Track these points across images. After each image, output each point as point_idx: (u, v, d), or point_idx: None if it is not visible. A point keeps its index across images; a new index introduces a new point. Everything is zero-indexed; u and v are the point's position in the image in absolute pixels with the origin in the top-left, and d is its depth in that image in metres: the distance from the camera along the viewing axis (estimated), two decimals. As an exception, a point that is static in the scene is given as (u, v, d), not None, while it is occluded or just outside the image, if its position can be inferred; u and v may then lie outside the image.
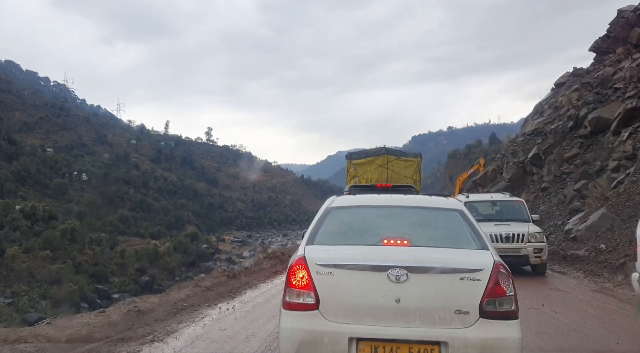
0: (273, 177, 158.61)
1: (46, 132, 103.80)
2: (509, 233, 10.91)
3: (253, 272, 12.08)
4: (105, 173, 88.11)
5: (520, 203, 12.37)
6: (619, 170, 16.47)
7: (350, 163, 15.62)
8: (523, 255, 10.76)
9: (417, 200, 4.56)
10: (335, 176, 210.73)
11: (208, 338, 5.69)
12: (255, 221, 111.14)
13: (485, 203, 12.64)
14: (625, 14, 27.20)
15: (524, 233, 10.87)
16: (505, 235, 10.89)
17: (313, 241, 3.77)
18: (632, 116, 18.37)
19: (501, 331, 3.21)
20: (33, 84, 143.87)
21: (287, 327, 3.39)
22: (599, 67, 28.05)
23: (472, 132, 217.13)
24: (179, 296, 8.29)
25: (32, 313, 26.84)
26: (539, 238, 10.96)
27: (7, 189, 61.86)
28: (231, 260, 54.44)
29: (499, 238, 10.83)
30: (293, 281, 3.43)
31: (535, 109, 34.83)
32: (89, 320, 6.38)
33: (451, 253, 3.58)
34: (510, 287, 3.30)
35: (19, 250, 38.93)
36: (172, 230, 73.37)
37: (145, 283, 40.79)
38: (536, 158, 24.27)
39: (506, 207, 12.25)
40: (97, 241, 49.47)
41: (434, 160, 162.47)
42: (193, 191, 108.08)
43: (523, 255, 10.76)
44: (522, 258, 10.78)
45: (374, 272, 3.32)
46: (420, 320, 3.22)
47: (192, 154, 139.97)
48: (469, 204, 11.29)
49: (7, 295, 32.31)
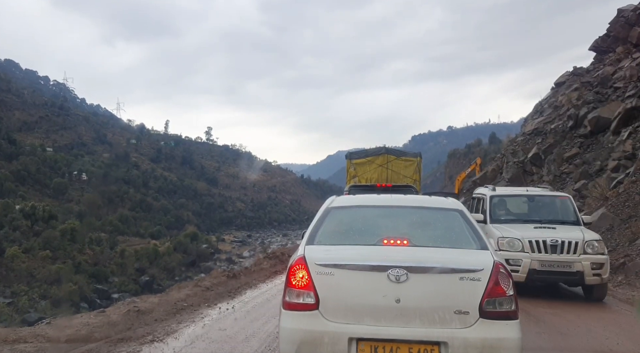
0: (273, 177, 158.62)
1: (46, 131, 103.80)
2: (556, 240, 8.00)
3: (253, 272, 12.07)
4: (105, 173, 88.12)
5: (566, 199, 9.59)
6: (618, 170, 16.48)
7: (350, 162, 15.59)
8: (576, 271, 7.81)
9: (417, 200, 4.57)
10: (335, 175, 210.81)
11: (208, 338, 5.69)
12: (255, 221, 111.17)
13: (518, 199, 9.96)
14: (625, 13, 27.21)
15: (577, 241, 7.96)
16: (552, 243, 8.00)
17: (313, 241, 3.77)
18: (632, 116, 18.38)
19: (501, 331, 3.21)
20: (33, 83, 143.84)
21: (287, 327, 3.39)
22: (599, 66, 28.05)
23: (472, 131, 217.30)
24: (179, 296, 8.29)
25: (32, 313, 26.88)
26: (599, 248, 7.98)
27: (6, 189, 61.83)
28: (231, 260, 54.48)
29: (542, 246, 8.02)
30: (293, 281, 3.43)
31: (535, 109, 34.80)
32: (88, 320, 6.38)
33: (451, 253, 3.58)
34: (510, 287, 3.30)
35: (18, 249, 38.94)
36: (172, 230, 73.42)
37: (145, 283, 40.83)
38: (536, 157, 24.27)
39: (547, 204, 9.62)
40: (97, 241, 49.49)
41: (434, 160, 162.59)
42: (193, 190, 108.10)
43: (576, 272, 7.82)
44: (575, 276, 7.90)
45: (373, 272, 3.32)
46: (420, 320, 3.22)
47: (192, 153, 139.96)
48: (496, 200, 9.55)
49: (6, 295, 32.32)
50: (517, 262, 7.95)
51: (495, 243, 7.97)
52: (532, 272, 7.90)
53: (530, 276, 7.92)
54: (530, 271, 7.90)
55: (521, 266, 7.91)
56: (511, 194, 10.18)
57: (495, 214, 9.29)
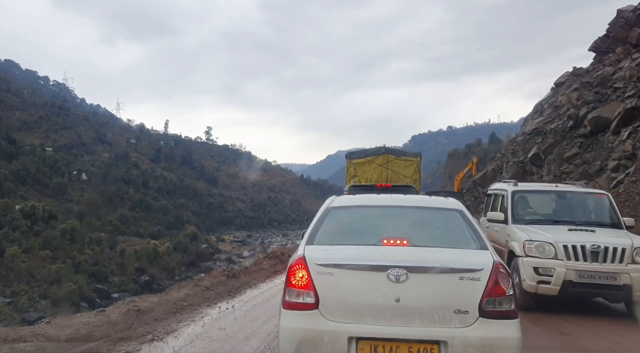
0: (273, 177, 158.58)
1: (46, 131, 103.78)
2: (598, 245, 6.58)
3: (253, 272, 12.07)
4: (104, 173, 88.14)
5: (603, 197, 8.09)
6: (618, 170, 16.49)
7: (350, 162, 15.60)
8: (623, 284, 6.41)
9: (417, 200, 4.59)
10: (335, 175, 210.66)
11: (207, 337, 5.69)
12: (255, 221, 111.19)
13: (546, 196, 8.41)
14: (625, 14, 27.25)
15: (624, 248, 6.55)
16: (592, 249, 6.57)
17: (313, 241, 3.77)
18: (632, 116, 18.39)
19: (501, 330, 3.22)
20: (32, 83, 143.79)
21: (286, 326, 3.40)
22: (598, 66, 28.09)
23: (472, 131, 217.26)
24: (179, 296, 8.29)
25: (32, 312, 26.92)
26: None
27: (6, 188, 61.86)
28: (231, 260, 54.44)
29: (580, 253, 6.60)
30: (293, 281, 3.44)
31: (535, 109, 34.84)
32: (88, 320, 6.38)
33: (451, 252, 3.58)
34: (509, 287, 3.31)
35: (18, 249, 38.98)
36: (171, 230, 73.43)
37: (144, 283, 40.84)
38: (536, 157, 24.29)
39: (581, 203, 8.14)
40: (97, 241, 49.53)
41: (434, 160, 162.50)
42: (193, 190, 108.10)
43: (622, 285, 6.42)
44: (620, 291, 6.48)
45: (373, 272, 3.33)
46: (419, 320, 3.23)
47: (192, 153, 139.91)
48: (518, 196, 8.11)
49: (6, 295, 32.35)
50: (549, 271, 6.63)
51: (520, 247, 7.01)
52: (567, 284, 6.52)
53: (564, 289, 6.56)
54: (565, 283, 6.52)
55: (554, 277, 6.57)
56: (537, 190, 8.71)
57: (518, 213, 7.88)
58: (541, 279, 6.66)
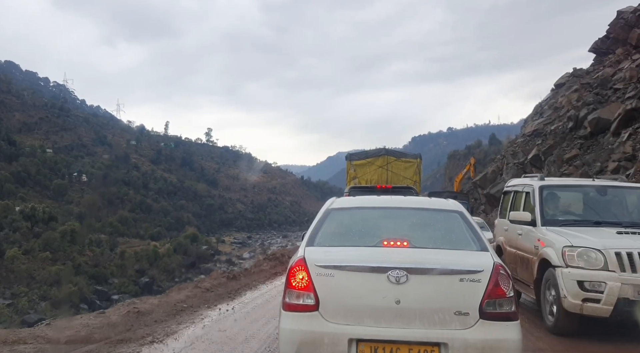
0: (273, 178, 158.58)
1: (46, 132, 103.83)
2: None
3: (253, 273, 12.07)
4: (105, 174, 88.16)
5: None
6: (618, 171, 16.46)
7: (350, 164, 15.63)
8: None
9: (417, 201, 4.60)
10: (335, 177, 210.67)
11: (208, 339, 5.69)
12: (255, 223, 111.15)
13: (580, 191, 6.93)
14: (625, 15, 27.28)
15: None
16: None
17: (313, 242, 3.77)
18: (632, 117, 18.38)
19: (501, 332, 3.22)
20: (33, 84, 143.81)
21: (286, 328, 3.40)
22: (598, 68, 28.11)
23: (472, 133, 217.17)
24: (179, 298, 8.29)
25: (32, 314, 26.91)
26: None
27: (6, 190, 61.88)
28: (231, 262, 54.39)
29: (637, 263, 5.14)
30: (293, 283, 3.43)
31: (535, 110, 34.84)
32: (88, 321, 6.39)
33: (451, 254, 3.58)
34: (510, 288, 3.31)
35: (18, 251, 39.01)
36: (171, 231, 73.37)
37: (144, 285, 40.82)
38: (536, 158, 24.28)
39: (625, 200, 6.64)
40: (97, 242, 49.54)
41: (434, 161, 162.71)
42: (193, 192, 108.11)
43: None
44: None
45: (373, 273, 3.32)
46: (420, 321, 3.23)
47: (192, 155, 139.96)
48: (547, 192, 6.66)
49: (6, 296, 32.36)
50: (598, 286, 5.17)
51: (558, 255, 5.53)
52: (623, 303, 5.05)
53: (618, 310, 5.07)
54: (619, 301, 5.05)
55: (605, 293, 5.11)
56: (571, 184, 7.28)
57: (548, 213, 6.43)
58: (588, 296, 5.19)
